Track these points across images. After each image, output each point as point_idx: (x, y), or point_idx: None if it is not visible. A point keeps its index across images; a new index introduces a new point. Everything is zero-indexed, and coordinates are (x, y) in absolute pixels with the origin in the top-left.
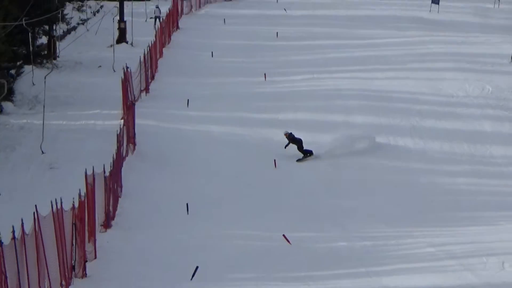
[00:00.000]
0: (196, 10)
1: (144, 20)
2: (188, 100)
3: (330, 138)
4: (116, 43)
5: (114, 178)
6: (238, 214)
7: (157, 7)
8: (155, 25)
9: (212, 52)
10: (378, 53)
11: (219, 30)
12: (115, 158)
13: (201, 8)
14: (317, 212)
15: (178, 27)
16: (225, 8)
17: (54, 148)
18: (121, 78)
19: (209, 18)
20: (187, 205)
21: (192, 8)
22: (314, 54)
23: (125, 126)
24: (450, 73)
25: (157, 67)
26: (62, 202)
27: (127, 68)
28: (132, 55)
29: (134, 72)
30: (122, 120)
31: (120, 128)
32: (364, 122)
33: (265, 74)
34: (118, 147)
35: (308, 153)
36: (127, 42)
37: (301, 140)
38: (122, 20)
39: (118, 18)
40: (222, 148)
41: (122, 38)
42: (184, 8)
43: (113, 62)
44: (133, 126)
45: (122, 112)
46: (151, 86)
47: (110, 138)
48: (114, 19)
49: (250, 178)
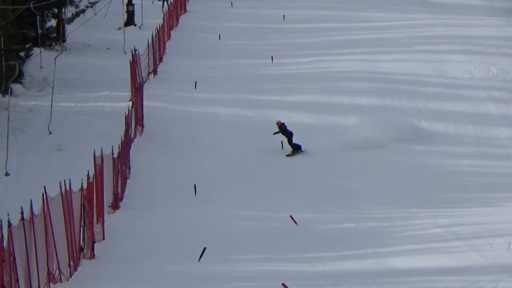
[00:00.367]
0: None
1: (151, 2)
2: (195, 82)
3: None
4: (124, 26)
5: (122, 159)
6: (245, 195)
7: None
8: (163, 7)
9: (219, 34)
10: (383, 35)
11: (227, 13)
12: (123, 140)
13: None
14: (323, 193)
15: (186, 10)
16: None
17: (63, 129)
18: (129, 60)
19: (216, 1)
20: (195, 186)
21: None
22: (320, 36)
23: (133, 108)
24: (455, 55)
25: (165, 50)
26: (70, 184)
27: (135, 50)
28: (140, 38)
29: (142, 54)
30: (130, 102)
31: (128, 110)
32: (369, 104)
33: (272, 57)
34: (126, 129)
35: (297, 147)
36: (135, 25)
37: (292, 133)
38: (130, 3)
39: (127, 1)
40: (229, 130)
41: (130, 20)
42: None
43: (123, 44)
44: (141, 108)
45: (130, 94)
46: (159, 68)
47: (118, 120)
48: (122, 2)
49: (257, 159)
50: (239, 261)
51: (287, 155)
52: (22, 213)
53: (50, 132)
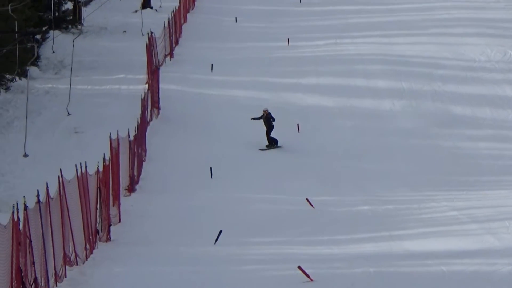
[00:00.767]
0: None
1: None
2: (212, 65)
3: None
4: (141, 9)
5: (138, 142)
6: (262, 178)
7: None
8: None
9: (235, 17)
10: (399, 18)
11: None
12: (140, 123)
13: None
14: (339, 176)
15: None
16: None
17: (79, 112)
18: (145, 43)
19: None
20: (211, 169)
21: None
22: (337, 19)
23: (149, 90)
24: (471, 38)
25: (181, 32)
26: (86, 166)
27: (152, 33)
28: (156, 20)
29: (158, 37)
30: (147, 84)
31: (144, 92)
32: (386, 87)
33: (288, 39)
34: (142, 112)
35: (273, 142)
36: (152, 8)
37: (273, 126)
38: None
39: None
40: (245, 112)
41: (147, 3)
42: None
43: (141, 27)
44: (157, 91)
45: (147, 76)
46: (175, 51)
47: (135, 103)
48: None
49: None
50: (255, 244)
51: (261, 149)
52: (38, 195)
53: (68, 113)
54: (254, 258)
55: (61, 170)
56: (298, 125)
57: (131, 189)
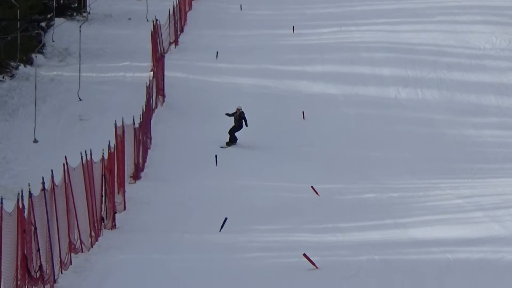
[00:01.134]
0: None
1: None
2: (217, 52)
3: None
4: None
5: (143, 129)
6: (267, 166)
7: None
8: None
9: (240, 5)
10: (405, 5)
11: None
12: (145, 110)
13: None
14: (344, 163)
15: None
16: None
17: (84, 99)
18: (150, 30)
19: None
20: (216, 156)
21: None
22: (342, 7)
23: (154, 78)
24: (477, 26)
25: (186, 20)
26: (91, 154)
27: (157, 20)
28: (161, 8)
29: (163, 24)
30: (152, 72)
31: (149, 80)
32: (391, 74)
33: (293, 27)
34: (147, 99)
35: (234, 140)
36: None
37: (241, 126)
38: None
39: None
40: (250, 100)
41: None
42: None
43: (146, 13)
44: (162, 78)
45: (152, 64)
46: (180, 39)
47: (140, 90)
48: None
49: (279, 129)
50: (260, 231)
51: (221, 146)
52: (43, 183)
53: (80, 98)
54: (259, 246)
55: (66, 157)
56: (303, 112)
57: (136, 176)
